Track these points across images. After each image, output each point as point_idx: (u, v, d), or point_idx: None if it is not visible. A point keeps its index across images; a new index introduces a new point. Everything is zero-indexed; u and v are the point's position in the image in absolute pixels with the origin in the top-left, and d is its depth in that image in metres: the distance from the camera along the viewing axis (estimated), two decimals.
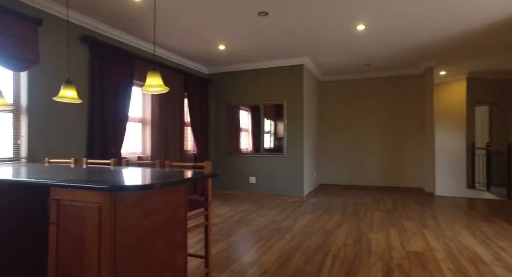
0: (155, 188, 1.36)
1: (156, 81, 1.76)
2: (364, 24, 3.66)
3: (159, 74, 1.81)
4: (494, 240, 2.99)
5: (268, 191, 5.42)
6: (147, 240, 1.40)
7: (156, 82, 1.76)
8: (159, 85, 1.76)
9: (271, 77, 5.43)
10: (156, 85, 1.76)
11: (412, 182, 6.00)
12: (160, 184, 1.32)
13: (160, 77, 1.80)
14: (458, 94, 6.50)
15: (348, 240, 3.00)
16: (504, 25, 3.71)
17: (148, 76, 1.78)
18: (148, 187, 1.22)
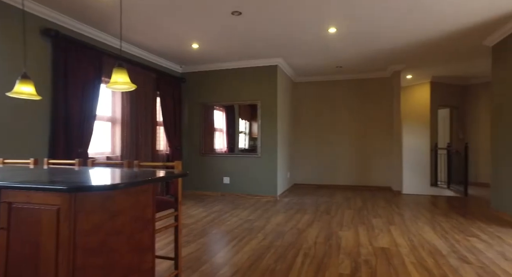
0: (119, 188, 1.31)
1: (123, 78, 1.69)
2: (335, 27, 3.76)
3: (126, 71, 1.75)
4: (451, 234, 3.18)
5: (242, 191, 5.41)
6: (112, 242, 1.35)
7: (123, 79, 1.69)
8: (126, 82, 1.70)
9: (245, 77, 5.43)
10: (123, 82, 1.69)
11: (381, 181, 6.25)
12: (124, 184, 1.27)
13: (126, 74, 1.74)
14: (423, 97, 6.86)
15: (319, 238, 3.07)
16: (459, 35, 3.96)
17: (113, 72, 1.71)
18: (111, 188, 1.18)
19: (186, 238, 3.08)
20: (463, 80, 6.97)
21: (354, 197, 5.38)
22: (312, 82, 6.69)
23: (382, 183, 6.24)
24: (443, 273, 2.24)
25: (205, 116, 5.69)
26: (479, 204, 4.77)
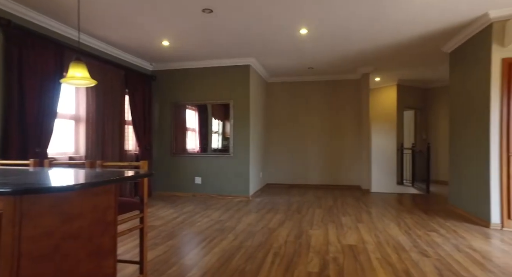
0: (75, 190, 1.23)
1: (81, 72, 1.59)
2: (306, 29, 3.81)
3: (84, 65, 1.65)
4: (413, 229, 3.34)
5: (214, 191, 5.35)
6: (66, 248, 1.26)
7: (81, 74, 1.59)
8: (85, 77, 1.60)
9: (218, 77, 5.38)
10: (81, 77, 1.59)
11: (351, 180, 6.44)
12: (81, 185, 1.20)
13: (85, 69, 1.64)
14: (390, 99, 7.16)
15: (290, 237, 3.09)
16: (420, 41, 4.18)
17: (70, 67, 1.60)
18: (65, 189, 1.10)
19: (154, 240, 2.98)
20: (426, 84, 7.37)
21: (325, 196, 5.49)
22: (284, 83, 6.76)
23: (352, 182, 6.43)
24: (405, 268, 2.33)
25: (176, 115, 5.56)
26: (439, 200, 5.06)
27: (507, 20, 3.33)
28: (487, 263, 2.43)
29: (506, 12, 3.31)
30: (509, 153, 3.37)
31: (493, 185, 3.43)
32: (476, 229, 3.37)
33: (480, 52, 3.64)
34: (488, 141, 3.46)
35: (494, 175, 3.43)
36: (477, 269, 2.31)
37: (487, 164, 3.48)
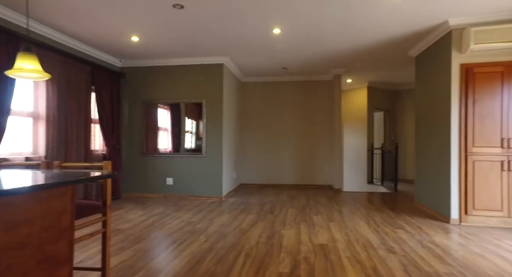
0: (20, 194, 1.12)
1: (32, 64, 1.45)
2: (279, 28, 3.82)
3: (35, 56, 1.51)
4: (382, 227, 3.44)
5: (186, 192, 5.23)
6: (10, 258, 1.14)
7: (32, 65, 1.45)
8: (36, 70, 1.46)
9: (191, 75, 5.26)
10: (31, 70, 1.45)
11: (324, 179, 6.55)
12: (28, 188, 1.09)
13: (36, 60, 1.50)
14: (361, 100, 7.38)
15: (262, 238, 3.07)
16: (388, 45, 4.33)
17: (18, 57, 1.45)
18: (6, 193, 0.99)
19: (121, 244, 2.84)
20: (394, 86, 7.67)
21: (298, 195, 5.54)
22: (258, 83, 6.76)
23: (325, 181, 6.54)
24: (373, 265, 2.38)
25: (147, 114, 5.38)
26: (406, 198, 5.27)
27: (463, 28, 3.53)
28: (446, 257, 2.54)
29: (463, 21, 3.51)
30: (467, 152, 3.56)
31: (453, 183, 3.61)
32: (438, 225, 3.54)
33: (442, 57, 3.83)
34: (449, 141, 3.64)
35: (454, 173, 3.61)
36: (438, 263, 2.41)
37: (448, 163, 3.66)
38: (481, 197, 3.53)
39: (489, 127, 3.53)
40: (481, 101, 3.55)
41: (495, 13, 3.40)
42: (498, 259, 2.53)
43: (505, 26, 3.31)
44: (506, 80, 3.50)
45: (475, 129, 3.56)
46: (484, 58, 3.54)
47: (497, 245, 2.88)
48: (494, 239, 3.04)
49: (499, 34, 3.33)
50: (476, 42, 3.37)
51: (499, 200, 3.50)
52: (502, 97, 3.51)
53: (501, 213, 3.50)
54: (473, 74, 3.56)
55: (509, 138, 3.49)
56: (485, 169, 3.53)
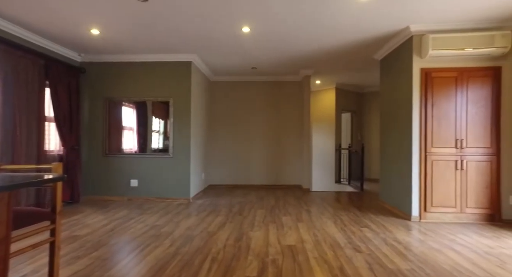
0: None
1: None
2: (249, 27, 3.77)
3: None
4: (348, 226, 3.51)
5: (152, 194, 5.01)
6: None
7: None
8: None
9: (157, 73, 5.05)
10: None
11: (293, 180, 6.61)
12: None
13: None
14: (329, 101, 7.55)
15: (229, 241, 2.99)
16: (355, 48, 4.46)
17: None
18: None
19: (76, 253, 2.62)
20: (361, 88, 7.94)
21: (267, 196, 5.53)
22: (228, 82, 6.67)
23: (294, 181, 6.60)
24: (339, 265, 2.40)
25: (111, 113, 5.08)
26: (371, 197, 5.45)
27: (423, 34, 3.70)
28: (408, 253, 2.63)
29: (423, 27, 3.68)
30: (426, 152, 3.74)
31: (414, 182, 3.78)
32: (400, 222, 3.68)
33: (404, 61, 4.00)
34: (410, 142, 3.80)
35: (415, 173, 3.78)
36: (400, 260, 2.49)
37: (409, 163, 3.83)
38: (438, 195, 3.73)
39: (445, 128, 3.74)
40: (438, 104, 3.75)
41: (450, 23, 3.60)
42: (452, 253, 2.67)
43: (457, 35, 3.53)
44: (459, 85, 3.73)
45: (433, 131, 3.75)
46: (441, 64, 3.75)
47: (451, 239, 3.04)
48: (449, 234, 3.21)
49: (453, 42, 3.54)
50: (434, 48, 3.55)
51: (453, 197, 3.72)
52: (456, 101, 3.73)
53: (454, 209, 3.72)
54: (431, 78, 3.75)
55: (461, 139, 3.71)
56: (441, 168, 3.73)
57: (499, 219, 3.69)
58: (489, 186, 3.70)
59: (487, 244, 2.92)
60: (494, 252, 2.71)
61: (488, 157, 3.70)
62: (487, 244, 2.93)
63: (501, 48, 3.51)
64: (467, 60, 3.72)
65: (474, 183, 3.70)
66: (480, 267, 2.38)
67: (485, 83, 3.71)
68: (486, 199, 3.70)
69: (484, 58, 3.69)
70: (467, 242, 2.98)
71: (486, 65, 3.71)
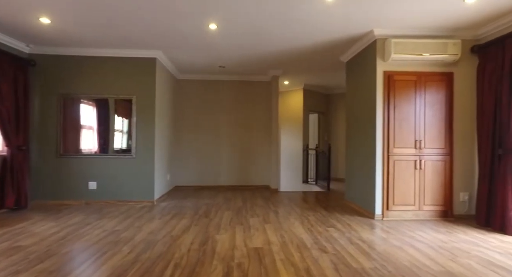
0: None
1: None
2: (216, 24, 3.66)
3: None
4: (315, 226, 3.53)
5: (113, 197, 4.71)
6: None
7: None
8: None
9: (119, 69, 4.77)
10: None
11: (261, 180, 6.58)
12: None
13: None
14: (297, 102, 7.63)
15: (194, 245, 2.87)
16: (322, 50, 4.53)
17: None
18: None
19: (15, 267, 2.34)
20: (328, 90, 8.13)
21: (235, 197, 5.44)
22: (196, 81, 6.49)
23: (262, 182, 6.58)
24: (306, 266, 2.38)
25: (67, 110, 4.70)
26: (337, 197, 5.58)
27: (386, 38, 3.84)
28: (371, 252, 2.69)
29: (386, 32, 3.82)
30: (389, 153, 3.88)
31: (378, 181, 3.90)
32: (365, 221, 3.78)
33: (368, 64, 4.12)
34: (374, 142, 3.92)
35: (378, 172, 3.90)
36: (364, 259, 2.53)
37: (373, 163, 3.95)
38: (399, 193, 3.88)
39: (406, 130, 3.90)
40: (399, 106, 3.90)
41: (410, 29, 3.77)
42: (411, 249, 2.77)
43: (416, 41, 3.70)
44: (418, 89, 3.91)
45: (395, 132, 3.90)
46: (402, 67, 3.91)
47: (411, 236, 3.16)
48: (408, 231, 3.34)
49: (412, 47, 3.71)
50: (396, 52, 3.70)
51: (412, 195, 3.90)
52: (415, 103, 3.91)
53: (413, 207, 3.90)
54: (393, 81, 3.90)
55: (420, 140, 3.90)
56: (402, 168, 3.89)
57: (451, 215, 3.92)
58: (443, 184, 3.92)
59: (441, 239, 3.07)
60: (447, 247, 2.86)
61: (442, 157, 3.92)
62: (441, 239, 3.09)
63: (453, 55, 3.74)
64: (425, 65, 3.91)
65: (431, 181, 3.91)
66: (436, 261, 2.49)
67: (440, 87, 3.93)
68: (441, 196, 3.92)
69: (439, 64, 3.91)
70: (424, 238, 3.12)
71: (440, 70, 3.93)
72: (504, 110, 3.36)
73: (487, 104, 3.60)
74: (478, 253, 2.72)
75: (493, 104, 3.53)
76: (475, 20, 3.53)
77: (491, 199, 3.54)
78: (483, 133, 3.65)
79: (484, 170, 3.61)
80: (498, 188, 3.40)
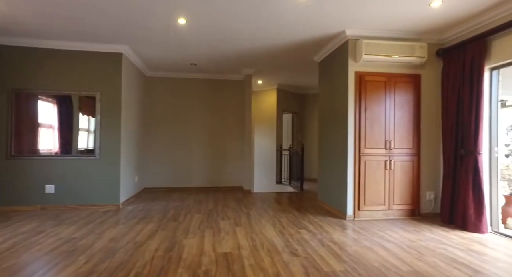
0: None
1: None
2: (185, 19, 3.49)
3: None
4: (287, 229, 3.46)
5: (73, 201, 4.39)
6: None
7: None
8: None
9: (82, 63, 4.45)
10: None
11: (234, 181, 6.45)
12: None
13: None
14: (271, 102, 7.58)
15: (159, 251, 2.69)
16: (295, 49, 4.49)
17: None
18: None
19: None
20: (302, 90, 8.15)
21: (206, 199, 5.27)
22: (166, 78, 6.24)
23: (235, 183, 6.45)
24: (276, 271, 2.29)
25: (20, 107, 4.31)
26: (310, 197, 5.57)
27: (357, 39, 3.87)
28: (342, 254, 2.66)
29: (357, 32, 3.84)
30: (360, 153, 3.91)
31: (349, 181, 3.91)
32: (337, 222, 3.77)
33: (340, 64, 4.13)
34: (346, 142, 3.93)
35: (350, 173, 3.92)
36: (335, 262, 2.48)
37: (345, 163, 3.95)
38: (370, 193, 3.92)
39: (376, 130, 3.95)
40: (370, 107, 3.94)
41: (381, 30, 3.81)
42: (381, 250, 2.77)
43: (386, 42, 3.75)
44: (388, 90, 3.98)
45: (366, 132, 3.93)
46: (373, 68, 3.95)
47: (381, 236, 3.18)
48: (379, 231, 3.37)
49: (383, 48, 3.75)
50: (367, 53, 3.72)
51: (382, 195, 3.95)
52: (385, 104, 3.97)
53: (383, 206, 3.95)
54: (365, 82, 3.93)
55: (390, 140, 3.96)
56: (373, 168, 3.93)
57: (419, 214, 4.02)
58: (411, 184, 4.01)
59: (409, 238, 3.12)
60: (414, 246, 2.90)
61: (410, 157, 4.01)
62: (409, 238, 3.13)
63: (420, 58, 3.83)
64: (395, 67, 3.98)
65: (400, 181, 3.98)
66: (404, 261, 2.50)
67: (408, 89, 4.02)
68: (409, 196, 4.01)
69: (407, 66, 3.99)
70: (394, 237, 3.15)
71: (409, 72, 4.02)
72: (466, 112, 3.49)
73: (451, 105, 3.72)
74: (443, 250, 2.77)
75: (456, 106, 3.65)
76: (439, 25, 3.63)
77: (454, 197, 3.66)
78: (447, 134, 3.77)
79: (448, 170, 3.73)
80: (460, 187, 3.52)
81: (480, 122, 3.35)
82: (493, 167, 3.45)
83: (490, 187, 3.46)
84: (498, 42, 3.26)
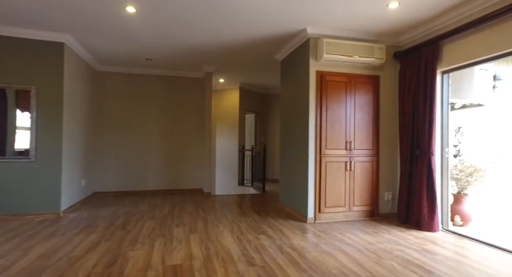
0: None
1: None
2: (134, 7, 3.16)
3: None
4: (245, 234, 3.27)
5: (2, 210, 3.82)
6: None
7: None
8: None
9: (13, 52, 3.90)
10: None
11: (193, 183, 6.14)
12: None
13: None
14: (233, 101, 7.36)
15: (97, 268, 2.36)
16: (256, 47, 4.34)
17: None
18: None
19: None
20: (265, 89, 8.04)
21: (162, 203, 4.92)
22: (119, 73, 5.77)
23: (194, 185, 6.14)
24: None
25: None
26: (272, 199, 5.44)
27: (318, 38, 3.79)
28: (301, 261, 2.52)
29: (319, 31, 3.77)
30: (321, 154, 3.84)
31: (310, 183, 3.82)
32: (297, 226, 3.65)
33: (301, 63, 4.03)
34: (307, 143, 3.84)
35: (311, 174, 3.83)
36: (293, 270, 2.34)
37: (306, 164, 3.86)
38: (331, 195, 3.86)
39: (337, 131, 3.91)
40: (331, 108, 3.89)
41: (342, 30, 3.77)
42: (341, 255, 2.69)
43: (347, 42, 3.72)
44: (348, 90, 3.96)
45: (327, 133, 3.87)
46: (334, 68, 3.90)
47: (341, 240, 3.11)
48: (339, 234, 3.30)
49: (344, 48, 3.72)
50: (328, 53, 3.66)
51: (343, 196, 3.91)
52: (346, 105, 3.95)
53: (344, 208, 3.92)
54: (326, 82, 3.87)
55: (350, 141, 3.94)
56: (334, 169, 3.88)
57: (377, 214, 4.05)
58: (370, 184, 4.03)
59: (368, 241, 3.08)
60: (373, 248, 2.86)
61: (370, 158, 4.03)
62: (368, 240, 3.09)
63: (379, 59, 3.86)
64: (355, 67, 3.97)
65: (360, 182, 3.97)
66: (363, 266, 2.42)
67: (368, 90, 4.04)
68: (368, 196, 4.02)
69: (367, 67, 4.01)
70: (353, 240, 3.09)
71: (369, 73, 4.03)
72: (420, 114, 3.56)
73: (407, 107, 3.78)
74: (400, 252, 2.76)
75: (412, 108, 3.72)
76: (397, 27, 3.68)
77: (410, 197, 3.72)
78: (404, 135, 3.83)
79: (405, 170, 3.78)
80: (416, 186, 3.59)
81: (433, 123, 3.43)
82: (444, 167, 3.56)
83: (441, 187, 3.56)
84: (449, 47, 3.36)
